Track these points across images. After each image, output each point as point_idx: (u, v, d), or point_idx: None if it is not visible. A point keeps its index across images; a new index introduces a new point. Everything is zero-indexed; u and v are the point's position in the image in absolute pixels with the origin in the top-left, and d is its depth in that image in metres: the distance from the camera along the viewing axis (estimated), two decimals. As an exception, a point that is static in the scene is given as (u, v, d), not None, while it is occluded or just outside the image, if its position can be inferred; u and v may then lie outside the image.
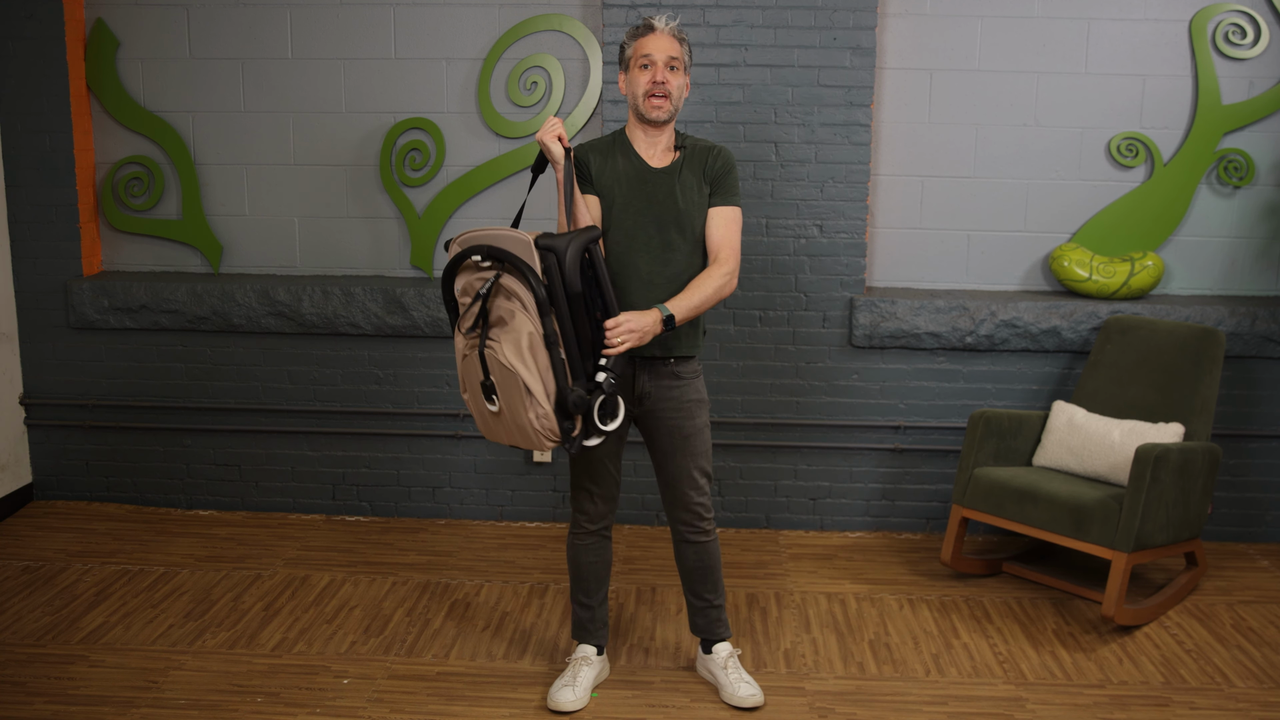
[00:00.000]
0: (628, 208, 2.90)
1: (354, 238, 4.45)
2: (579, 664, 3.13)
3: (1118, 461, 3.69)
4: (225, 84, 4.38)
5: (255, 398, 4.43)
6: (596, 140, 2.99)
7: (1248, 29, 4.13)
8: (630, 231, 2.89)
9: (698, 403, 3.00)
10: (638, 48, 2.88)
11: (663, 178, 2.91)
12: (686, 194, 2.92)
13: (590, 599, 3.16)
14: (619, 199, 2.91)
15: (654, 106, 2.86)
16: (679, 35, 2.91)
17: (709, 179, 2.95)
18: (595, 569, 3.13)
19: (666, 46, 2.86)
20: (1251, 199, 4.26)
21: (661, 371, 2.95)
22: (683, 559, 3.13)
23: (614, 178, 2.92)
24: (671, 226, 2.90)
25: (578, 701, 3.04)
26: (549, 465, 4.38)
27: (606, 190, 2.92)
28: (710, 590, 3.14)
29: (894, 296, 4.20)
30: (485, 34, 4.28)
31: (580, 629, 3.19)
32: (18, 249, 4.40)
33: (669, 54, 2.86)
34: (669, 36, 2.88)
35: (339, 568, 3.97)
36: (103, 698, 3.08)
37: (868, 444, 4.31)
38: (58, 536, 4.22)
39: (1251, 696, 3.16)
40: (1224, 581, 3.93)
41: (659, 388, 2.96)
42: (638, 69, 2.88)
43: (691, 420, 2.99)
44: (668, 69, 2.86)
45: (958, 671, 3.29)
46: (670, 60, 2.86)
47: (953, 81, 4.23)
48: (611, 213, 2.91)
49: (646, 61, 2.86)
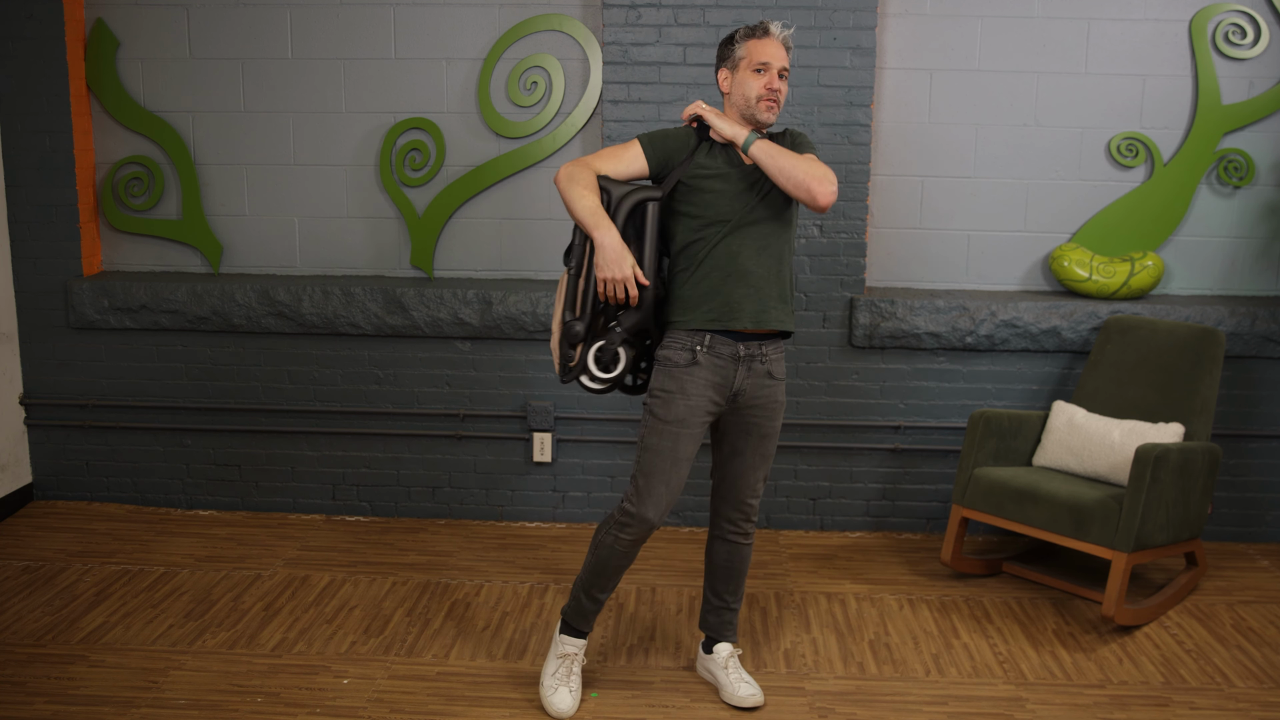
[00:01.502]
0: (722, 195, 2.88)
1: (354, 238, 4.45)
2: (572, 661, 3.09)
3: (1118, 461, 3.69)
4: (225, 84, 4.38)
5: (255, 398, 4.43)
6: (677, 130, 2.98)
7: (1248, 29, 4.13)
8: (724, 220, 2.87)
9: (781, 405, 3.02)
10: (753, 50, 2.87)
11: (754, 169, 2.91)
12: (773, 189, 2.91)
13: (604, 594, 3.07)
14: (728, 190, 2.88)
15: (767, 108, 2.87)
16: (790, 45, 2.93)
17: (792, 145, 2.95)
18: (622, 570, 3.04)
19: (782, 55, 2.89)
20: (1251, 199, 4.26)
21: (758, 369, 2.93)
22: (714, 555, 3.11)
23: (706, 164, 2.90)
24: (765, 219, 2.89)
25: (575, 707, 3.02)
26: (549, 465, 4.38)
27: (696, 179, 2.89)
28: (731, 592, 3.14)
29: (894, 296, 4.20)
30: (485, 34, 4.28)
31: (581, 618, 3.08)
32: (18, 249, 4.40)
33: (783, 63, 2.89)
34: (783, 45, 2.90)
35: (339, 568, 3.97)
36: (103, 698, 3.08)
37: (868, 444, 4.31)
38: (58, 536, 4.22)
39: (1251, 696, 3.16)
40: (1224, 581, 3.93)
41: (753, 385, 2.94)
42: (750, 71, 2.87)
43: (772, 421, 3.00)
44: (780, 77, 2.89)
45: (958, 671, 3.29)
46: (783, 69, 2.89)
47: (953, 81, 4.23)
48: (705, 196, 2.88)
49: (763, 67, 2.86)
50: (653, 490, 2.89)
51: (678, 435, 2.89)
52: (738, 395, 2.94)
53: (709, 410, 2.92)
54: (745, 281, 2.88)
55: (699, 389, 2.89)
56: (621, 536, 2.94)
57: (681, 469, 2.91)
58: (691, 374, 2.89)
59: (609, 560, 2.98)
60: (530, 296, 4.21)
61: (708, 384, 2.90)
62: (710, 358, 2.89)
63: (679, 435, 2.89)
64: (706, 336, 2.89)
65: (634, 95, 4.13)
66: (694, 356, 2.89)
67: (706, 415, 2.92)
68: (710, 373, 2.90)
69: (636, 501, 2.90)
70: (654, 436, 2.90)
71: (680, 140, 2.94)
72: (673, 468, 2.89)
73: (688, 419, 2.89)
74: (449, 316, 4.25)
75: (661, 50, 4.10)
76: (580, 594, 3.07)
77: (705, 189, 2.89)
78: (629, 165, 2.93)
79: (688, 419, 2.89)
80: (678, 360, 2.90)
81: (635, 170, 2.93)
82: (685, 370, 2.89)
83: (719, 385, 2.91)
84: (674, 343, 2.92)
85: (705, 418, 2.92)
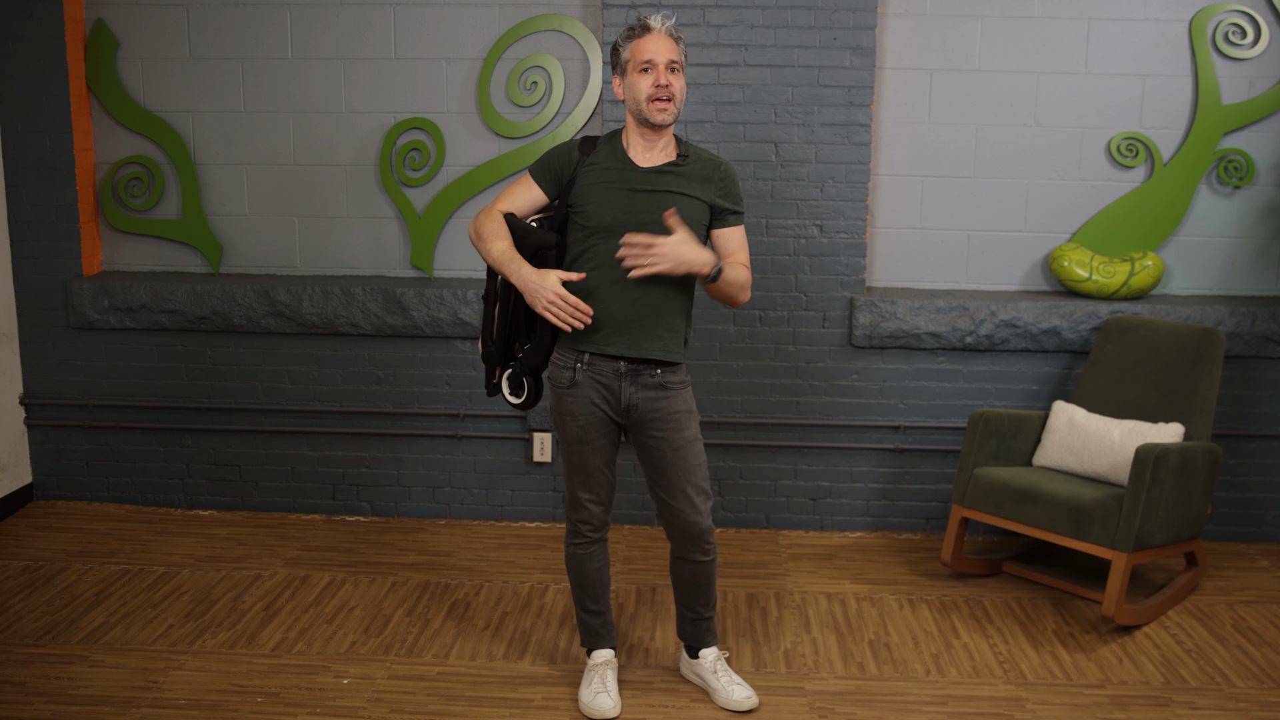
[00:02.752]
0: (605, 203, 2.82)
1: (354, 238, 4.45)
2: (604, 669, 3.10)
3: (1118, 461, 3.69)
4: (225, 84, 4.38)
5: (255, 398, 4.43)
6: (591, 137, 2.94)
7: (1248, 29, 4.13)
8: (609, 227, 2.81)
9: (687, 414, 2.92)
10: (636, 50, 2.80)
11: (650, 177, 2.85)
12: (675, 196, 2.83)
13: (597, 604, 3.11)
14: (597, 195, 2.83)
15: (659, 109, 2.78)
16: (676, 35, 2.83)
17: (715, 189, 2.89)
18: (599, 575, 3.09)
19: (667, 49, 2.79)
20: (1251, 199, 4.26)
21: (648, 382, 2.88)
22: (678, 573, 3.09)
23: (596, 176, 2.85)
24: (654, 226, 2.79)
25: (616, 707, 3.02)
26: (549, 465, 4.38)
27: (584, 186, 2.85)
28: (702, 604, 3.11)
29: (894, 296, 4.20)
30: (485, 34, 4.28)
31: (593, 635, 3.14)
32: (18, 249, 4.40)
33: (669, 56, 2.79)
34: (667, 37, 2.80)
35: (339, 568, 3.97)
36: (103, 698, 3.08)
37: (868, 444, 4.31)
38: (58, 536, 4.22)
39: (1251, 696, 3.16)
40: (1224, 581, 3.93)
41: (645, 399, 2.88)
42: (637, 73, 2.79)
43: (680, 432, 2.90)
44: (669, 71, 2.78)
45: (958, 671, 3.29)
46: (671, 63, 2.79)
47: (953, 81, 4.23)
48: (586, 208, 2.84)
49: (648, 65, 2.78)
50: (576, 498, 3.02)
51: (581, 452, 2.94)
52: (630, 410, 2.90)
53: (604, 422, 2.91)
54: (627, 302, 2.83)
55: (585, 407, 2.90)
56: (574, 544, 3.07)
57: (597, 477, 2.97)
58: (574, 394, 2.90)
59: (578, 570, 3.09)
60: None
61: (592, 401, 2.89)
62: (589, 375, 2.88)
63: (582, 452, 2.94)
64: (585, 355, 2.88)
65: (634, 95, 4.13)
66: (574, 376, 2.89)
67: (605, 426, 2.92)
68: (594, 390, 2.88)
69: (569, 508, 3.06)
70: (562, 451, 2.99)
71: (563, 155, 2.91)
72: (588, 478, 2.98)
73: (583, 436, 2.92)
74: (449, 316, 4.25)
75: (661, 50, 4.09)
76: (581, 614, 3.15)
77: (589, 198, 2.85)
78: (527, 199, 2.93)
79: (583, 436, 2.92)
80: (560, 380, 2.92)
81: (535, 201, 2.93)
82: (568, 391, 2.91)
83: (607, 400, 2.89)
84: (558, 360, 2.93)
85: (605, 428, 2.92)
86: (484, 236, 2.86)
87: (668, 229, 2.77)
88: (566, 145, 2.92)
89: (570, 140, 2.95)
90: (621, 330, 2.83)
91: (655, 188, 2.83)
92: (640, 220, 2.80)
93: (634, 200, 2.82)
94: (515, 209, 2.92)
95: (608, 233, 2.81)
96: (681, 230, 2.74)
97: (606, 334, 2.84)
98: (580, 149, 2.90)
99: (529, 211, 2.94)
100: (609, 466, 3.00)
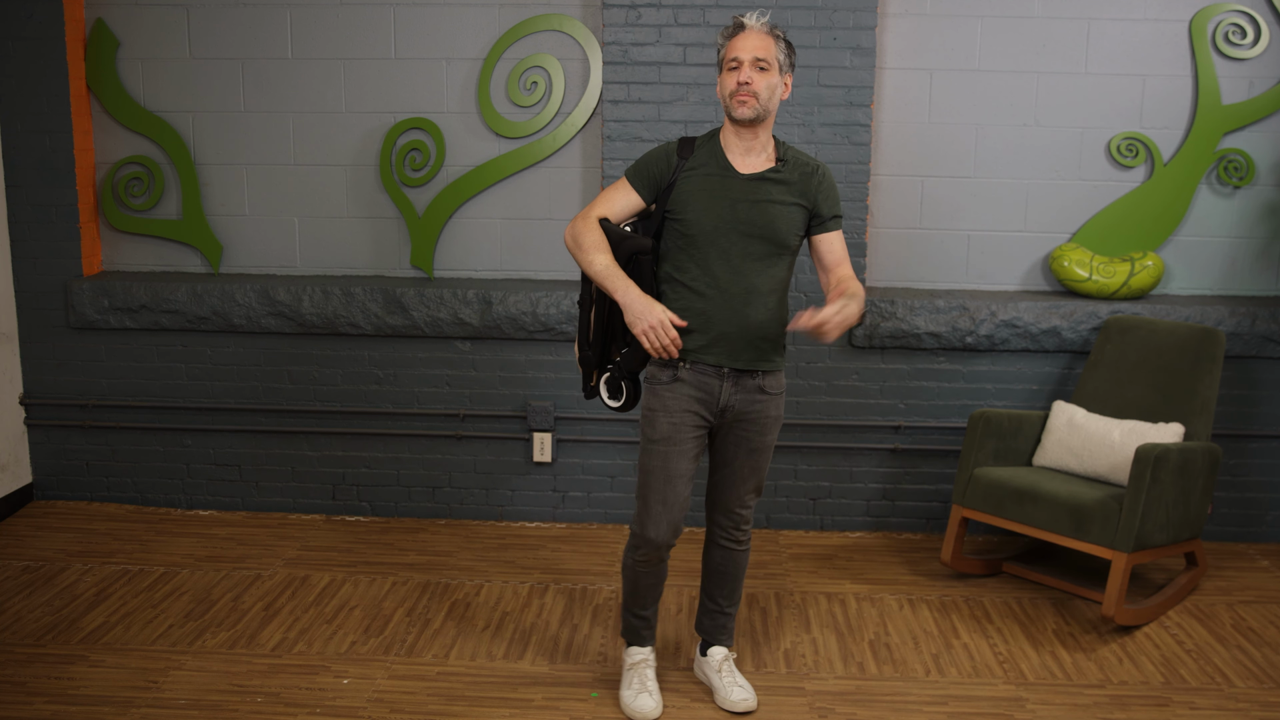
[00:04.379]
0: (707, 212, 2.81)
1: (354, 238, 4.46)
2: (642, 667, 3.09)
3: (1118, 461, 3.69)
4: (225, 84, 4.38)
5: (255, 398, 4.43)
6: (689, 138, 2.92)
7: (1248, 29, 4.13)
8: (710, 236, 2.81)
9: (775, 420, 2.95)
10: (728, 49, 2.79)
11: (751, 185, 2.82)
12: (776, 204, 2.82)
13: (645, 610, 3.09)
14: (699, 203, 2.82)
15: (739, 103, 2.76)
16: (773, 32, 2.80)
17: (815, 195, 2.86)
18: (654, 586, 3.06)
19: (755, 46, 2.76)
20: (1251, 199, 4.26)
21: (748, 385, 2.88)
22: (709, 559, 3.10)
23: (697, 183, 2.83)
24: (755, 236, 2.80)
25: (659, 707, 3.02)
26: (549, 465, 4.38)
27: (685, 193, 2.84)
28: (725, 596, 3.12)
29: (894, 296, 4.20)
30: (485, 34, 4.28)
31: (633, 634, 3.13)
32: (18, 249, 4.40)
33: (756, 54, 2.75)
34: (759, 34, 2.78)
35: (339, 568, 3.97)
36: (103, 698, 3.08)
37: (868, 444, 4.31)
38: (58, 536, 4.22)
39: (1251, 696, 3.16)
40: (1224, 581, 3.93)
41: (742, 400, 2.88)
42: (727, 70, 2.79)
43: (763, 436, 2.93)
44: (755, 69, 2.75)
45: (958, 671, 3.29)
46: (758, 60, 2.75)
47: (953, 81, 4.23)
48: (688, 216, 2.82)
49: (735, 64, 2.77)
50: (650, 511, 2.91)
51: (667, 454, 2.88)
52: (725, 410, 2.90)
53: (696, 425, 2.89)
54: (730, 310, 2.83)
55: (681, 404, 2.87)
56: (636, 557, 2.99)
57: (677, 486, 2.89)
58: (674, 390, 2.88)
59: (635, 580, 3.04)
60: (530, 296, 4.21)
61: (691, 399, 2.87)
62: (694, 374, 2.87)
63: (668, 454, 2.88)
64: (688, 358, 2.87)
65: (634, 95, 4.13)
66: (676, 373, 2.87)
67: (695, 430, 2.89)
68: (693, 388, 2.87)
69: (638, 523, 2.95)
70: (645, 456, 2.92)
71: (662, 160, 2.89)
72: (667, 485, 2.89)
73: (673, 436, 2.88)
74: (449, 316, 4.25)
75: (661, 50, 4.10)
76: (626, 613, 3.13)
77: (690, 206, 2.83)
78: (625, 204, 2.92)
79: (673, 436, 2.88)
80: (660, 377, 2.90)
81: (632, 206, 2.92)
82: (667, 387, 2.88)
83: (704, 400, 2.88)
84: (658, 360, 2.91)
85: (694, 432, 2.89)
86: (584, 248, 2.85)
87: (776, 236, 2.81)
88: (665, 149, 2.90)
89: (668, 143, 2.92)
90: (722, 340, 2.83)
91: (757, 197, 2.82)
92: (742, 231, 2.80)
93: (735, 210, 2.81)
94: (611, 214, 2.91)
95: (709, 241, 2.81)
96: (832, 304, 2.70)
97: (707, 342, 2.83)
98: (679, 152, 2.88)
99: (625, 216, 2.93)
100: (689, 477, 2.92)
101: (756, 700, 3.09)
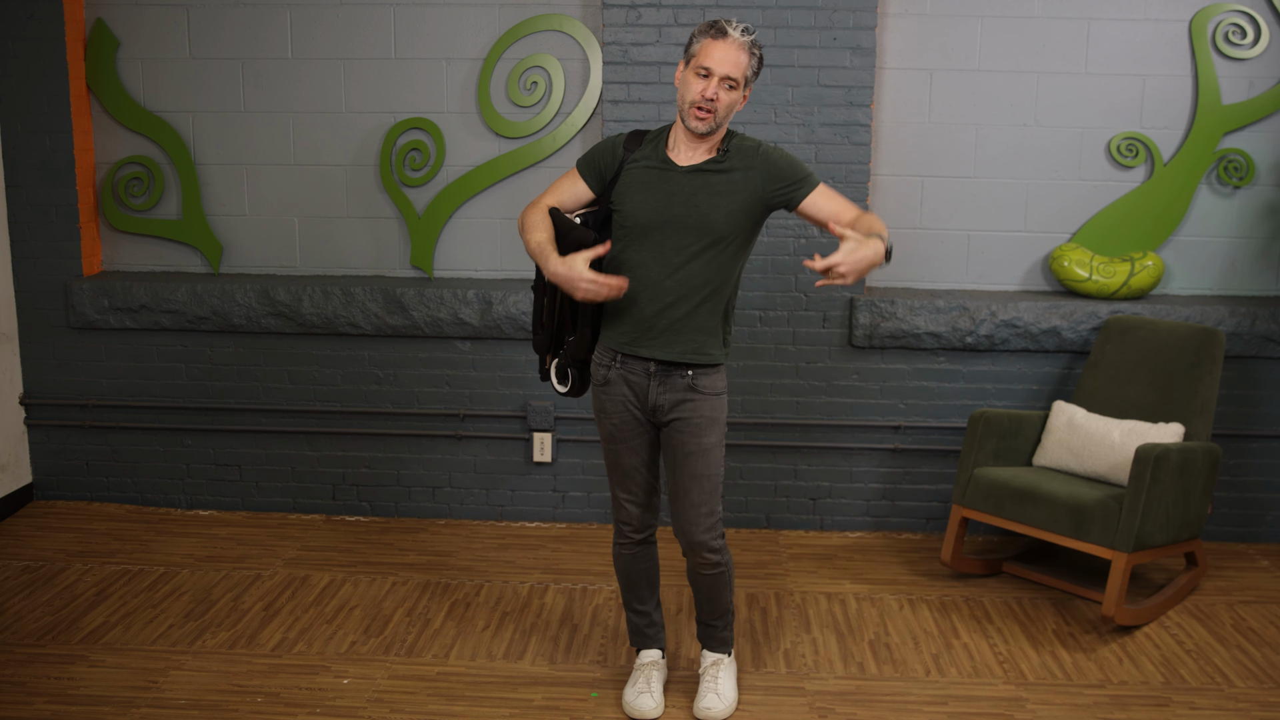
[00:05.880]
0: (642, 204, 2.78)
1: (354, 238, 4.45)
2: (649, 669, 3.09)
3: (1118, 461, 3.69)
4: (225, 84, 4.38)
5: (255, 398, 4.43)
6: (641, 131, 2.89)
7: (1248, 29, 4.13)
8: (645, 229, 2.78)
9: (710, 421, 2.83)
10: (701, 51, 2.68)
11: (688, 178, 2.77)
12: (713, 196, 2.76)
13: (644, 605, 3.10)
14: (635, 195, 2.79)
15: (697, 118, 2.69)
16: (751, 48, 2.70)
17: (760, 176, 2.76)
18: (645, 575, 3.07)
19: (730, 63, 2.66)
20: (1251, 199, 4.26)
21: (676, 384, 2.82)
22: (690, 573, 3.06)
23: (637, 175, 2.81)
24: (690, 229, 2.75)
25: (659, 708, 3.02)
26: (549, 465, 4.38)
27: (625, 185, 2.81)
28: (707, 613, 3.08)
29: (894, 296, 4.20)
30: (485, 34, 4.28)
31: (640, 635, 3.14)
32: (18, 249, 4.40)
33: (728, 71, 2.66)
34: (738, 48, 2.67)
35: (339, 568, 3.97)
36: (103, 698, 3.08)
37: (867, 444, 4.31)
38: (58, 536, 4.22)
39: (1251, 696, 3.16)
40: (1224, 581, 3.93)
41: (670, 400, 2.83)
42: (694, 73, 2.69)
43: (698, 438, 2.82)
44: (723, 87, 2.67)
45: (958, 671, 3.29)
46: (728, 78, 2.67)
47: (953, 81, 4.23)
48: (625, 207, 2.80)
49: (705, 71, 2.67)
50: (617, 500, 3.02)
51: (616, 451, 2.94)
52: (655, 409, 2.86)
53: (637, 421, 2.90)
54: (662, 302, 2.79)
55: (617, 405, 2.89)
56: (618, 544, 3.07)
57: (633, 477, 2.95)
58: (608, 391, 2.89)
59: (622, 570, 3.08)
60: (530, 296, 4.21)
61: (624, 400, 2.88)
62: (622, 373, 2.86)
63: (617, 451, 2.94)
64: (619, 354, 2.86)
65: (634, 95, 4.13)
66: (607, 374, 2.88)
67: (639, 426, 2.90)
68: (624, 386, 2.87)
69: (612, 509, 3.06)
70: (603, 452, 3.00)
71: (608, 151, 2.87)
72: (624, 478, 2.96)
73: (616, 435, 2.92)
74: (449, 316, 4.25)
75: (661, 50, 4.10)
76: (627, 612, 3.16)
77: (627, 197, 2.81)
78: (572, 194, 2.91)
79: (616, 435, 2.92)
80: (596, 378, 2.92)
81: (580, 196, 2.91)
82: (602, 389, 2.91)
83: (635, 400, 2.87)
84: (597, 357, 2.92)
85: (639, 428, 2.90)
86: (525, 228, 2.84)
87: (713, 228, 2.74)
88: (613, 140, 2.88)
89: (618, 135, 2.90)
90: (652, 332, 2.81)
91: (693, 189, 2.76)
92: (677, 224, 2.76)
93: (671, 203, 2.76)
94: (560, 203, 2.89)
95: (644, 234, 2.79)
96: (849, 240, 2.53)
97: (638, 335, 2.82)
98: (626, 145, 2.85)
99: (575, 206, 2.91)
100: (648, 468, 2.94)
101: (730, 709, 3.03)
